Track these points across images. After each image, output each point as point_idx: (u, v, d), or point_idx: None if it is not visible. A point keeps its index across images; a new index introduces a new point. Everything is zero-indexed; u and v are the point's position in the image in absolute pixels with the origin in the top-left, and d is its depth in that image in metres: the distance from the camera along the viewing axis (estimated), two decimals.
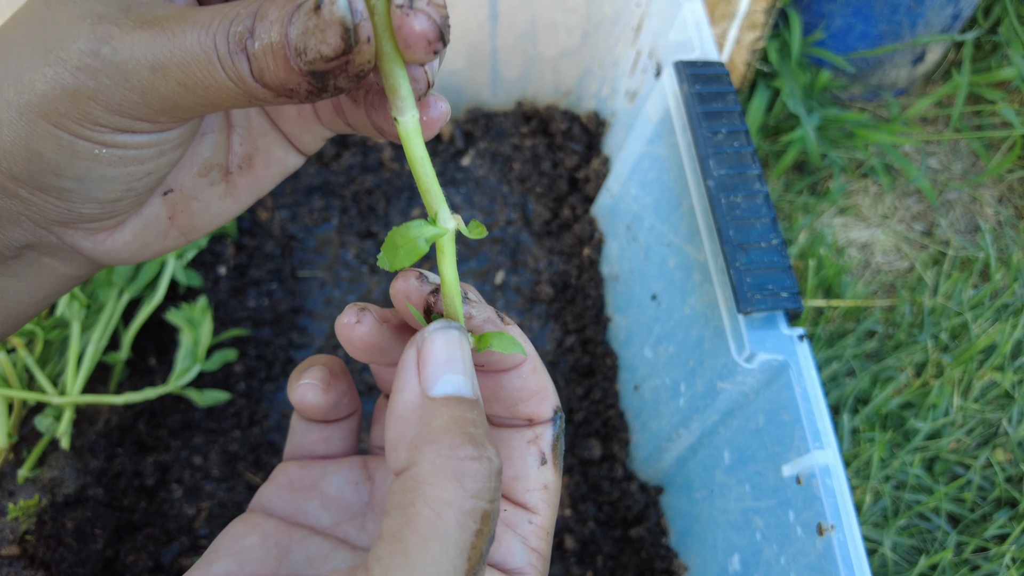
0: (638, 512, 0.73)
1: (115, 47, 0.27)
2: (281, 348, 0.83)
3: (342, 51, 0.25)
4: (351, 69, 0.26)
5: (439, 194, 0.29)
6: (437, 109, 0.31)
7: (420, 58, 0.26)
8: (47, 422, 0.73)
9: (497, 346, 0.32)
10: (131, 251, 0.35)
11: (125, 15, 0.27)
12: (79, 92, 0.27)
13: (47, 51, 0.27)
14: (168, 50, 0.27)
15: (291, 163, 0.39)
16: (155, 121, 0.29)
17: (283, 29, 0.26)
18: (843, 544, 0.46)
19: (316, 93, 0.27)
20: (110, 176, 0.30)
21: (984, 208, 1.36)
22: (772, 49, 1.26)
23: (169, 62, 0.27)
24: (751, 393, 0.56)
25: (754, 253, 0.52)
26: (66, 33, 0.27)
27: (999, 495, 1.05)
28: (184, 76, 0.27)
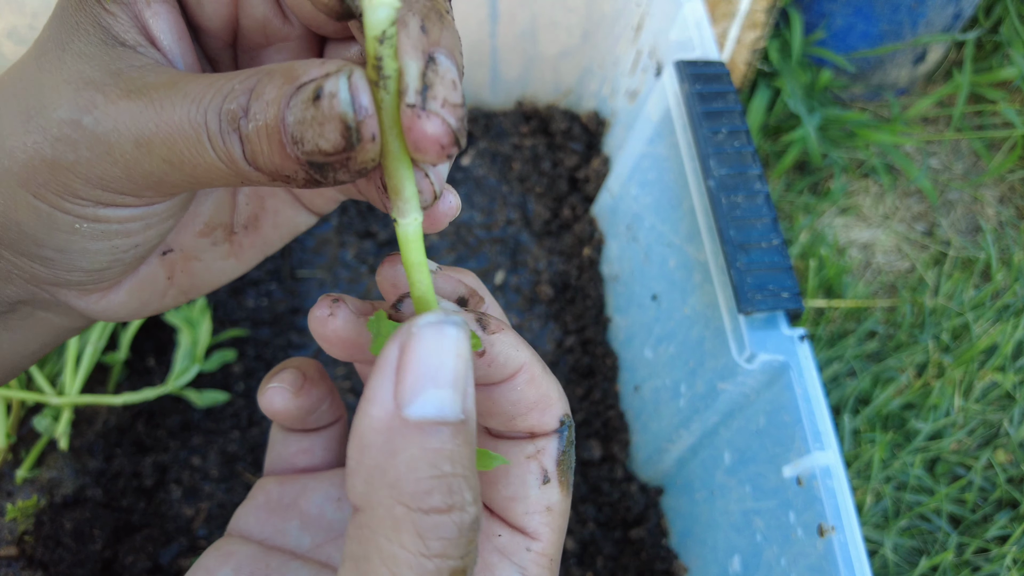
0: (638, 513, 0.73)
1: (97, 117, 0.25)
2: (280, 348, 0.83)
3: (342, 148, 0.23)
4: (352, 166, 0.24)
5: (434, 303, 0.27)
6: (447, 203, 0.28)
7: (431, 161, 0.24)
8: (46, 422, 0.73)
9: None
10: (128, 310, 0.34)
11: (113, 81, 0.25)
12: (58, 163, 0.25)
13: (29, 117, 0.25)
14: (154, 124, 0.24)
15: (301, 223, 0.37)
16: (140, 196, 0.27)
17: (280, 112, 0.23)
18: (844, 545, 0.46)
19: (314, 182, 0.25)
20: (93, 249, 0.28)
21: (985, 208, 1.36)
22: (773, 49, 1.26)
23: (155, 137, 0.24)
24: (752, 394, 0.56)
25: (755, 253, 0.52)
26: (50, 99, 0.25)
27: (1000, 496, 1.04)
28: (170, 153, 0.24)
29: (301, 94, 0.23)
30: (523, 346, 0.29)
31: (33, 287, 0.31)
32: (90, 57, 0.25)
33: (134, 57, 0.26)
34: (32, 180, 0.26)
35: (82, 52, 0.25)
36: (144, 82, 0.25)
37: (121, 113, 0.24)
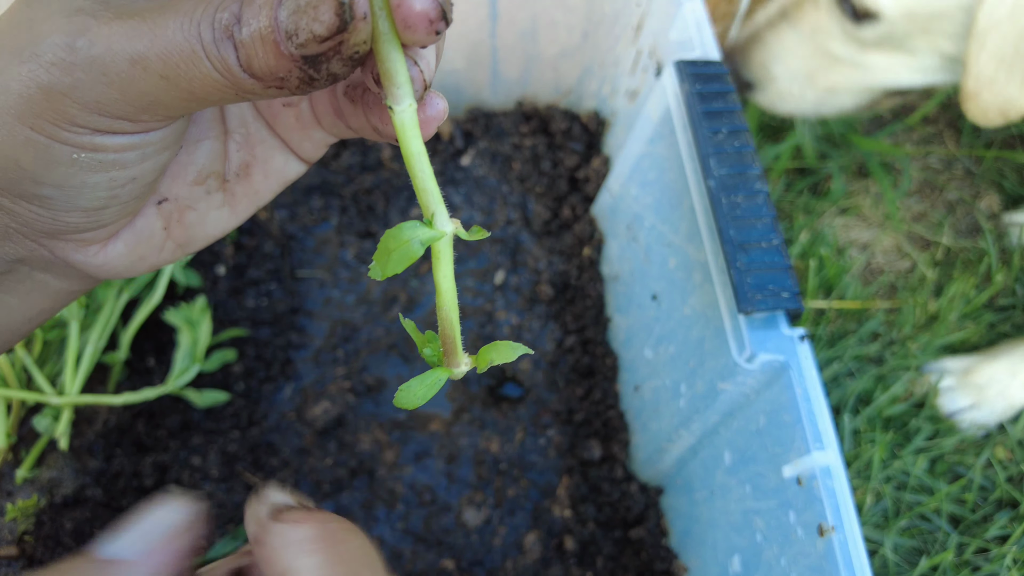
0: (638, 513, 0.73)
1: (91, 39, 0.25)
2: (280, 348, 0.83)
3: (336, 29, 0.23)
4: (345, 51, 0.24)
5: (436, 193, 0.27)
6: (434, 107, 0.29)
7: (420, 39, 0.25)
8: (46, 422, 0.73)
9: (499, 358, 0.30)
10: (126, 264, 0.34)
11: (103, 6, 0.25)
12: (53, 89, 0.25)
13: (21, 50, 0.26)
14: (148, 41, 0.25)
15: (291, 171, 0.38)
16: (136, 120, 0.27)
17: (272, 12, 0.24)
18: (844, 545, 0.46)
19: (308, 82, 0.25)
20: (91, 183, 0.29)
21: (985, 208, 1.36)
22: None
23: (150, 53, 0.25)
24: (752, 394, 0.56)
25: (755, 253, 0.52)
26: (41, 30, 0.25)
27: (1000, 496, 1.04)
28: (166, 69, 0.25)
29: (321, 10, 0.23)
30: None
31: (31, 242, 0.31)
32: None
33: None
34: (28, 111, 0.26)
35: None
36: (135, 6, 0.25)
37: (114, 33, 0.25)
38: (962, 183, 1.39)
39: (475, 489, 0.76)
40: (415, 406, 0.29)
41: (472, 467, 0.77)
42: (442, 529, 0.74)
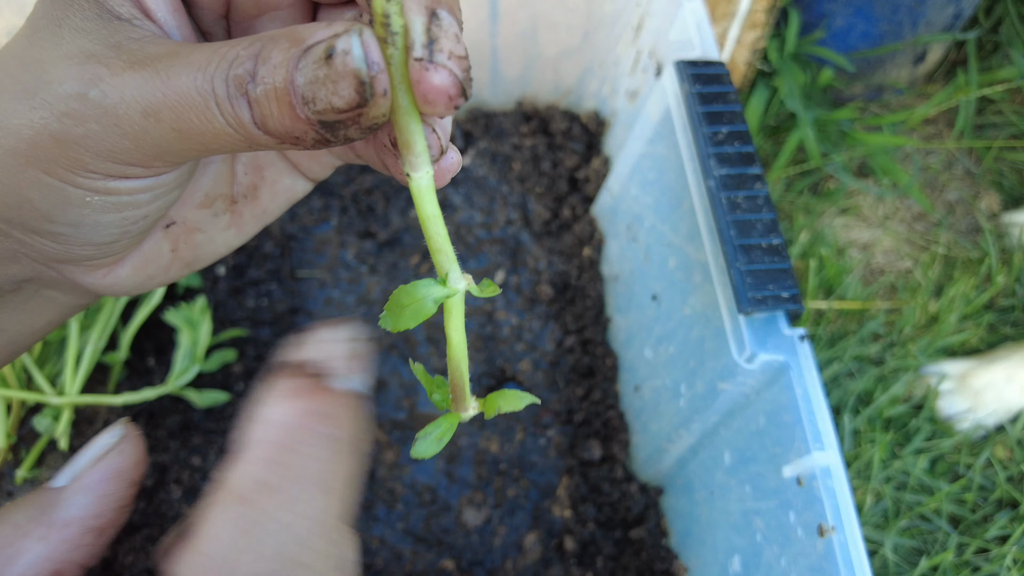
0: (638, 513, 0.73)
1: (104, 90, 0.25)
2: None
3: (356, 104, 0.23)
4: (364, 122, 0.24)
5: (451, 253, 0.27)
6: (449, 160, 0.30)
7: (439, 113, 0.25)
8: (46, 422, 0.73)
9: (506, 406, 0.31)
10: (133, 284, 0.34)
11: (115, 53, 0.25)
12: (67, 138, 0.25)
13: (31, 94, 0.25)
14: (161, 93, 0.24)
15: (299, 191, 0.38)
16: (149, 166, 0.27)
17: (288, 75, 0.24)
18: (844, 545, 0.46)
19: (323, 142, 0.25)
20: (104, 221, 0.29)
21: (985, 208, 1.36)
22: (772, 49, 1.26)
23: (163, 106, 0.25)
24: (752, 394, 0.56)
25: (755, 254, 0.52)
26: (52, 74, 0.25)
27: (1000, 496, 1.04)
28: (179, 121, 0.25)
29: (311, 55, 0.23)
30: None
31: (40, 265, 0.31)
32: (88, 32, 0.25)
33: (131, 30, 0.26)
34: (41, 157, 0.26)
35: (79, 27, 0.26)
36: (146, 53, 0.25)
37: (127, 84, 0.25)
38: (962, 183, 1.39)
39: (475, 489, 0.76)
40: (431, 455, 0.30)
41: (472, 467, 0.77)
42: (442, 529, 0.74)
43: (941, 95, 1.37)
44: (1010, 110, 1.43)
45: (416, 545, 0.73)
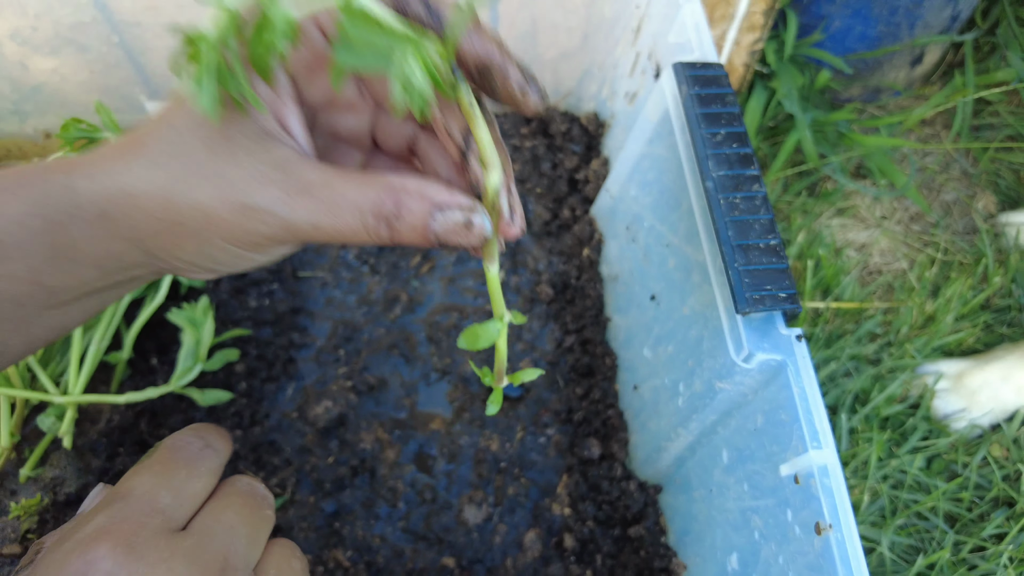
0: (637, 511, 0.73)
1: (283, 211, 0.34)
2: (282, 348, 0.83)
3: (474, 247, 0.36)
4: (470, 249, 0.38)
5: (502, 303, 0.41)
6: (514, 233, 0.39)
7: (511, 239, 0.38)
8: (49, 421, 0.74)
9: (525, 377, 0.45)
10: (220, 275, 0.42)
11: (284, 177, 0.35)
12: (256, 232, 0.35)
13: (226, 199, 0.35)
14: (329, 220, 0.35)
15: None
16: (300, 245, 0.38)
17: (424, 220, 0.34)
18: (841, 543, 0.47)
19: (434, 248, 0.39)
20: (247, 266, 0.39)
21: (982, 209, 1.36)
22: (770, 50, 1.26)
23: (329, 227, 0.35)
24: (749, 393, 0.57)
25: (752, 254, 0.53)
26: (243, 188, 0.34)
27: (996, 494, 1.05)
28: (335, 235, 0.35)
29: (449, 216, 0.35)
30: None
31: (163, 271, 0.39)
32: (254, 152, 0.35)
33: (282, 148, 0.36)
34: (230, 237, 0.36)
35: (247, 148, 0.35)
36: (308, 180, 0.35)
37: (301, 207, 0.35)
38: (959, 184, 1.40)
39: (475, 488, 0.77)
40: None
41: (472, 466, 0.78)
42: (442, 527, 0.74)
43: (938, 97, 1.38)
44: (1007, 111, 1.44)
45: (417, 543, 0.74)
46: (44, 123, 0.92)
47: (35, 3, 0.78)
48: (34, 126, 0.92)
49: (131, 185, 0.36)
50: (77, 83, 0.87)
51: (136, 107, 0.92)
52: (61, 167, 0.37)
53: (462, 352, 0.85)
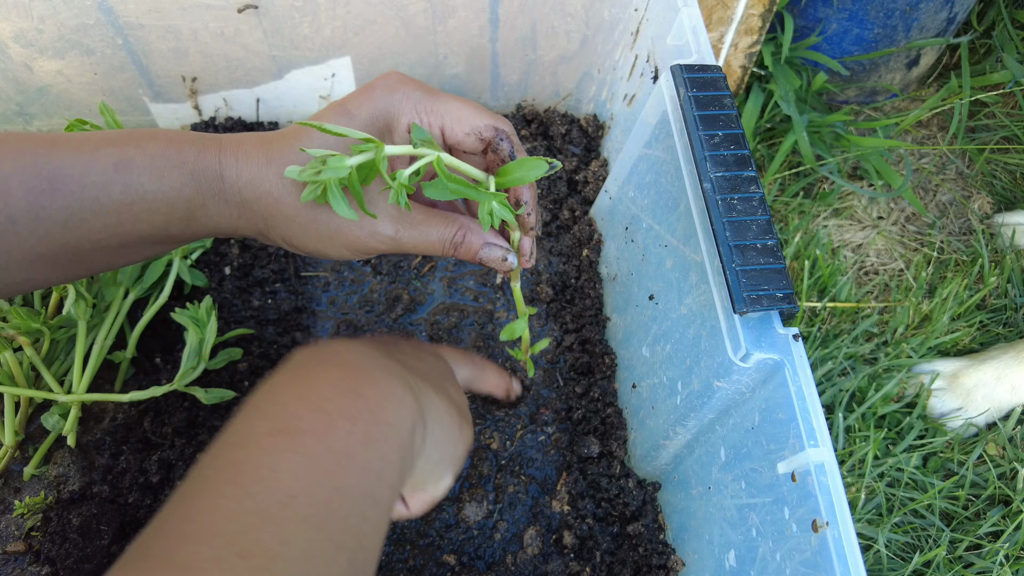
0: (636, 508, 0.74)
1: (400, 236, 0.50)
2: (285, 347, 0.84)
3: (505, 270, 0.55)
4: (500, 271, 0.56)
5: (524, 305, 0.62)
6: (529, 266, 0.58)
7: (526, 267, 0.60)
8: (53, 420, 0.74)
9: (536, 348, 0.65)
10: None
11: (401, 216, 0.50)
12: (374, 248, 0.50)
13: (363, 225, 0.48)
14: (423, 243, 0.51)
15: None
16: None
17: (477, 250, 0.53)
18: (838, 541, 0.47)
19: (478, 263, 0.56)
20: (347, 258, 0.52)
21: (978, 209, 1.37)
22: (767, 53, 1.27)
23: (422, 246, 0.51)
24: (747, 391, 0.57)
25: (750, 254, 0.53)
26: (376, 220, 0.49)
27: (992, 492, 1.06)
28: (423, 251, 0.52)
29: (492, 251, 0.54)
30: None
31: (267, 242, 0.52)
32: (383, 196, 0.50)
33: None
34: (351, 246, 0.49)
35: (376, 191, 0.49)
36: (414, 218, 0.51)
37: (407, 236, 0.50)
38: (955, 185, 1.41)
39: (475, 486, 0.78)
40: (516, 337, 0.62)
41: (473, 463, 0.79)
42: (443, 524, 0.75)
43: (934, 99, 1.39)
44: (1002, 113, 1.45)
45: (417, 539, 0.74)
46: (49, 124, 0.93)
47: (39, 5, 0.78)
48: (39, 127, 0.93)
49: (276, 190, 0.46)
50: (81, 85, 0.88)
51: (140, 109, 0.93)
52: (210, 147, 0.46)
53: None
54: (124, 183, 0.44)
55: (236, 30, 0.85)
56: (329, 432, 0.40)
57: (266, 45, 0.88)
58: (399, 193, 0.45)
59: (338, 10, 0.85)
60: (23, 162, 0.42)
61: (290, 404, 0.41)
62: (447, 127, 0.51)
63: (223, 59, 0.89)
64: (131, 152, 0.44)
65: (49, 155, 0.42)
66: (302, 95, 0.96)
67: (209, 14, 0.83)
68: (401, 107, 0.49)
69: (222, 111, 0.96)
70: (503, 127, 0.52)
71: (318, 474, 0.38)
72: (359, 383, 0.43)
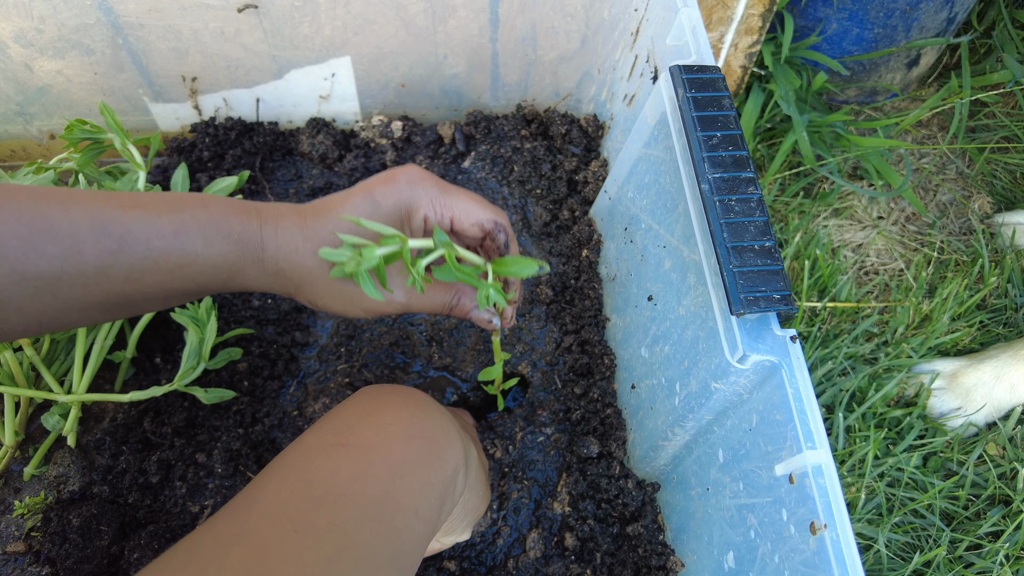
0: (635, 509, 0.74)
1: (409, 303, 0.58)
2: (284, 347, 0.84)
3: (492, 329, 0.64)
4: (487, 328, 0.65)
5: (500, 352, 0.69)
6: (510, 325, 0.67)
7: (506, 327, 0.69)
8: (53, 420, 0.74)
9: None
10: None
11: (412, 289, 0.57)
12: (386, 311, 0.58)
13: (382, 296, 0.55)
14: (427, 307, 0.60)
15: None
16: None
17: (468, 311, 0.62)
18: (836, 543, 0.47)
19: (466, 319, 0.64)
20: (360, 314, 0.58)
21: (978, 209, 1.37)
22: (767, 53, 1.27)
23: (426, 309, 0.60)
24: (744, 393, 0.57)
25: (747, 256, 0.53)
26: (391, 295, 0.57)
27: (992, 492, 1.06)
28: (427, 311, 0.61)
29: (481, 314, 0.62)
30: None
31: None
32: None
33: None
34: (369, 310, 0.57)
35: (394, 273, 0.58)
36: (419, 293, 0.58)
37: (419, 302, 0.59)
38: (955, 185, 1.41)
39: None
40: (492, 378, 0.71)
41: None
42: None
43: (934, 98, 1.39)
44: (1003, 113, 1.44)
45: None
46: (49, 124, 0.93)
47: (40, 6, 0.79)
48: (39, 127, 0.93)
49: (310, 264, 0.54)
50: (82, 85, 0.88)
51: (140, 108, 0.93)
52: (253, 219, 0.53)
53: (462, 352, 0.86)
54: (181, 248, 0.50)
55: (236, 30, 0.85)
56: (387, 451, 0.47)
57: (266, 45, 0.88)
58: (417, 279, 0.54)
59: (338, 10, 0.85)
60: (97, 222, 0.47)
61: (355, 425, 0.48)
62: (456, 218, 0.60)
63: (223, 59, 0.89)
64: (188, 220, 0.50)
65: (120, 217, 0.48)
66: (302, 95, 0.96)
67: (209, 14, 0.83)
68: (420, 200, 0.58)
69: (222, 111, 0.96)
70: (501, 220, 0.61)
71: (373, 480, 0.44)
72: (420, 418, 0.51)
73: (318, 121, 0.99)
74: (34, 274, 0.45)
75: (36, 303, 0.46)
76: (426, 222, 0.59)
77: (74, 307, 0.48)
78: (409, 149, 1.00)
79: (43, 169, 0.80)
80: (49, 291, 0.46)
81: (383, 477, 0.45)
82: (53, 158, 0.85)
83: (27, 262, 0.44)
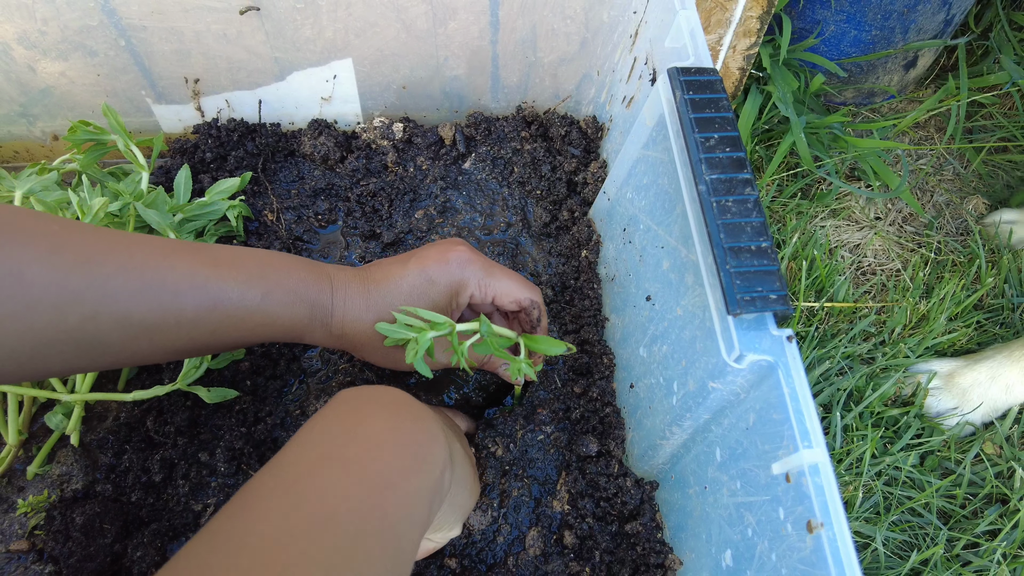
0: (634, 507, 0.75)
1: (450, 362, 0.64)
2: (286, 346, 0.84)
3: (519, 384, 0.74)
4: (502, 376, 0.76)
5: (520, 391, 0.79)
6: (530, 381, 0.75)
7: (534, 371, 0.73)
8: (57, 419, 0.75)
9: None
10: None
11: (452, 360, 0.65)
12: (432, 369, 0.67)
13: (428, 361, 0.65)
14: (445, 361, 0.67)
15: None
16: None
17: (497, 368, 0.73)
18: (832, 541, 0.47)
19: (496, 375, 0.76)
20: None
21: (974, 210, 1.38)
22: (765, 55, 1.28)
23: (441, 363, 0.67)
24: (741, 392, 0.58)
25: (744, 256, 0.54)
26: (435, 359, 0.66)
27: (989, 491, 1.06)
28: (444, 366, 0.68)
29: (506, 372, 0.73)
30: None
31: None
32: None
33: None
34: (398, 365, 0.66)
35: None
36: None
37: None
38: (952, 185, 1.41)
39: (480, 495, 0.78)
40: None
41: (479, 473, 0.79)
42: None
43: (932, 100, 1.39)
44: (1000, 114, 1.45)
45: None
46: (52, 126, 0.93)
47: (43, 7, 0.79)
48: (42, 128, 0.94)
49: (369, 332, 0.61)
50: (85, 86, 0.89)
51: (143, 110, 0.94)
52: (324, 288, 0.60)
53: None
54: (265, 311, 0.56)
55: (238, 32, 0.86)
56: (373, 460, 0.46)
57: (268, 47, 0.88)
58: (462, 359, 0.62)
59: (339, 12, 0.85)
60: (197, 280, 0.52)
61: (339, 436, 0.48)
62: (498, 297, 0.68)
63: (225, 61, 0.90)
64: (274, 287, 0.57)
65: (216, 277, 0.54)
66: (304, 97, 0.97)
67: (211, 16, 0.83)
68: (468, 281, 0.66)
69: (224, 112, 0.97)
70: (537, 299, 0.70)
71: (361, 494, 0.43)
72: (403, 422, 0.51)
73: (320, 123, 1.00)
74: (137, 322, 0.50)
75: (131, 346, 0.51)
76: (471, 298, 0.68)
77: (160, 350, 0.53)
78: (410, 151, 1.01)
79: (46, 170, 0.81)
80: (146, 337, 0.51)
81: (371, 492, 0.44)
82: (56, 159, 0.85)
83: (134, 311, 0.49)
